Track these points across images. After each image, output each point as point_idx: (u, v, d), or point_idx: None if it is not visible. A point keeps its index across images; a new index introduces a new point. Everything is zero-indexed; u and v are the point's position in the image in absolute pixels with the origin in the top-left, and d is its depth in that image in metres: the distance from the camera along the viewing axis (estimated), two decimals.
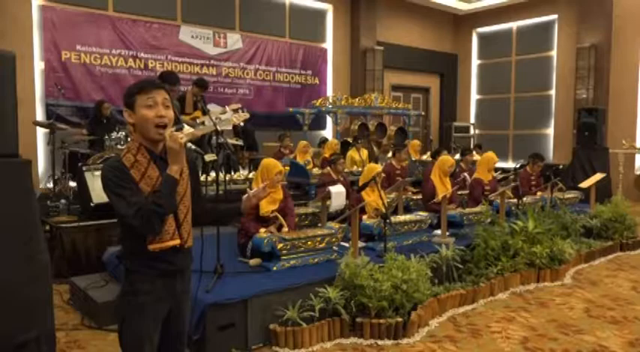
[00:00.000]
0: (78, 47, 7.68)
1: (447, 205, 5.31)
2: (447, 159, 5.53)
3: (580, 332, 3.62)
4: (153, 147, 1.92)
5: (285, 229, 4.06)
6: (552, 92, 11.41)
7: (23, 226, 2.51)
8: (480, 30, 12.82)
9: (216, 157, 6.69)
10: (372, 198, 4.73)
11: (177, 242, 1.93)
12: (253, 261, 3.89)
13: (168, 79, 5.16)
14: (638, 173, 10.07)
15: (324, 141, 9.73)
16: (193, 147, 1.96)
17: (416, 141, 8.99)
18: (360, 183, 4.81)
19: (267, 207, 4.06)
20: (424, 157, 8.56)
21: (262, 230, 3.93)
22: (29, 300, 2.51)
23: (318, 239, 4.01)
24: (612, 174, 8.56)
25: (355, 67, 11.08)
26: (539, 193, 6.56)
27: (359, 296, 3.43)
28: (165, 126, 1.88)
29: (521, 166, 8.43)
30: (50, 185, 6.09)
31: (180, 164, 1.86)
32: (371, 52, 10.90)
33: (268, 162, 4.20)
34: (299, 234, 3.96)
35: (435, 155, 7.28)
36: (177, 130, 1.92)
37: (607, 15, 10.20)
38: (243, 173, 6.47)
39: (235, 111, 6.55)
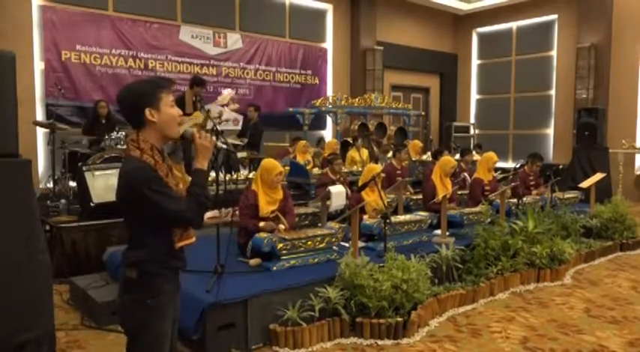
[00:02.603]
0: (78, 47, 7.68)
1: (448, 204, 5.32)
2: (449, 160, 5.54)
3: (580, 332, 3.62)
4: (159, 146, 1.93)
5: (282, 226, 4.07)
6: (552, 92, 11.41)
7: (23, 226, 2.51)
8: (480, 30, 12.82)
9: (246, 155, 6.71)
10: (372, 198, 4.73)
11: (194, 238, 2.00)
12: (253, 261, 3.89)
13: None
14: (638, 173, 10.07)
15: (320, 139, 9.76)
16: (225, 146, 2.05)
17: (417, 142, 8.98)
18: (360, 183, 4.82)
19: (266, 208, 4.06)
20: (424, 157, 8.56)
21: (261, 224, 3.95)
22: (29, 300, 2.51)
23: (318, 239, 4.01)
24: (612, 174, 8.55)
25: (355, 67, 11.08)
26: (535, 192, 6.55)
27: (359, 296, 3.43)
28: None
29: (521, 166, 8.42)
30: (50, 185, 6.08)
31: (208, 160, 1.97)
32: (371, 52, 10.90)
33: (268, 163, 4.19)
34: (299, 234, 3.96)
35: (436, 155, 7.28)
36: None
37: (607, 15, 10.20)
38: (243, 173, 6.45)
39: (225, 105, 6.55)
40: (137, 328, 1.91)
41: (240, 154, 5.29)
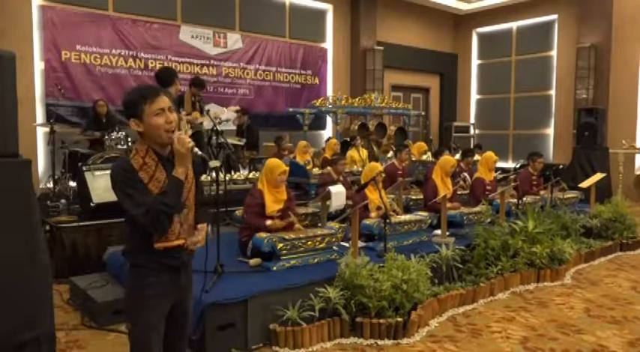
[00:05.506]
0: (78, 47, 7.68)
1: (452, 204, 5.32)
2: (449, 160, 5.55)
3: (580, 332, 3.62)
4: (161, 150, 1.97)
5: (298, 226, 4.09)
6: (552, 92, 11.41)
7: (23, 226, 2.51)
8: (480, 30, 12.82)
9: (219, 164, 6.68)
10: (373, 196, 4.73)
11: (181, 242, 2.00)
12: (253, 261, 3.89)
13: (164, 78, 5.00)
14: (638, 173, 10.06)
15: (329, 138, 9.71)
16: (199, 152, 2.00)
17: (422, 144, 8.96)
18: (362, 182, 4.82)
19: (272, 207, 4.09)
20: (424, 157, 8.56)
21: (268, 222, 3.99)
22: (29, 300, 2.51)
23: (318, 239, 4.01)
24: (612, 174, 8.54)
25: (355, 67, 11.08)
26: (542, 192, 6.55)
27: (359, 296, 3.43)
28: (174, 131, 1.95)
29: (521, 166, 8.41)
30: (50, 185, 6.08)
31: (185, 167, 1.93)
32: (371, 52, 10.90)
33: (271, 162, 4.23)
34: (299, 234, 3.97)
35: (436, 155, 7.28)
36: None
37: (607, 15, 10.19)
38: (243, 173, 6.45)
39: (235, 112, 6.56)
40: (128, 318, 2.05)
41: (213, 163, 5.20)
